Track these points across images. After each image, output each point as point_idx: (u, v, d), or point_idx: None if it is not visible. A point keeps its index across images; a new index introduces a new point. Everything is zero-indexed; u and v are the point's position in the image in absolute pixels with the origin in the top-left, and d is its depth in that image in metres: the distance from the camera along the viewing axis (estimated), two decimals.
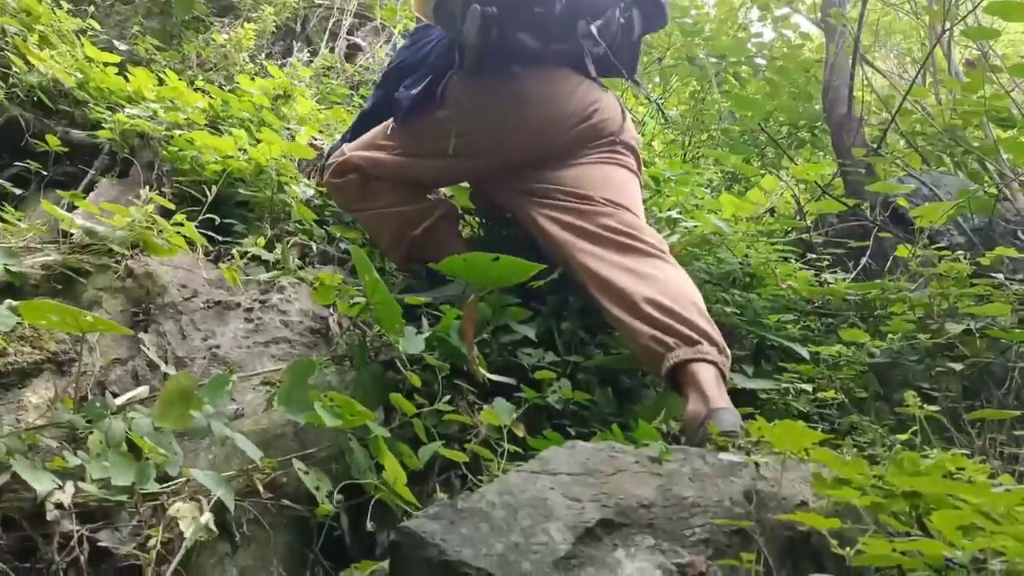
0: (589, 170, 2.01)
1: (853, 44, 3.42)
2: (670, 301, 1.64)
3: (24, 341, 1.45)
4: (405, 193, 2.16)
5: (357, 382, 1.55)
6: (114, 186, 2.32)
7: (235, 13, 4.28)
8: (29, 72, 2.60)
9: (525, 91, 2.02)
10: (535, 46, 1.99)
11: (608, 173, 2.02)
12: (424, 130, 2.07)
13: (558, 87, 2.05)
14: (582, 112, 2.04)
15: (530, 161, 2.04)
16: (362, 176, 2.15)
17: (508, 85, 2.01)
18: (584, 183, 1.96)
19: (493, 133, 2.05)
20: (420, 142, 2.09)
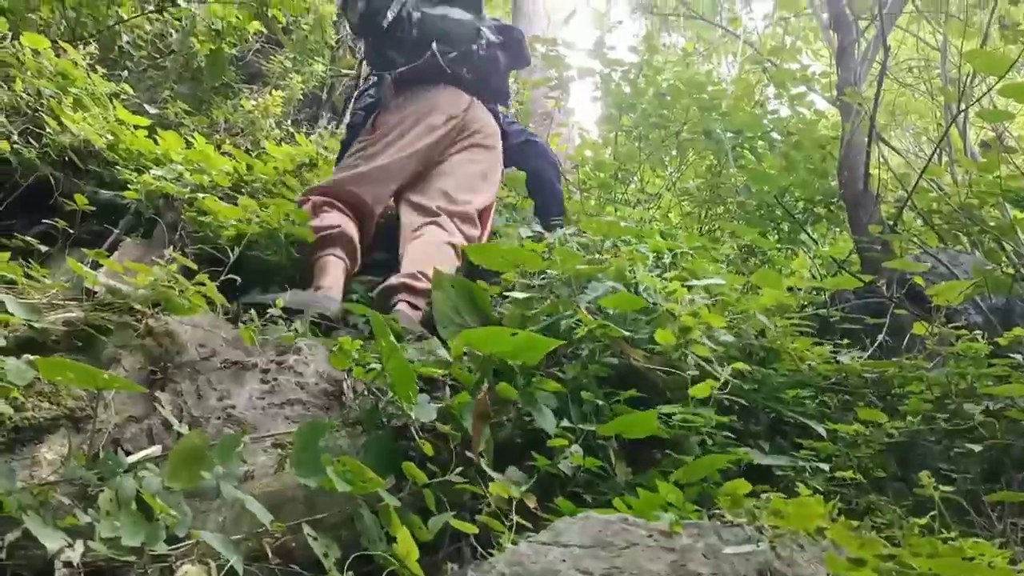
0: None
1: (869, 123, 3.47)
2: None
3: (42, 396, 1.46)
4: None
5: (368, 447, 1.54)
6: (138, 246, 2.37)
7: (263, 80, 4.42)
8: (62, 133, 2.67)
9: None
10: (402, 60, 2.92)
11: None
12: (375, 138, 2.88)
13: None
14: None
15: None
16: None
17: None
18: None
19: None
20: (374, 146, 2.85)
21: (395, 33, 2.90)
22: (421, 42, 2.90)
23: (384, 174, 2.81)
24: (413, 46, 2.90)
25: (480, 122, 3.05)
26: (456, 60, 2.94)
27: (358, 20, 2.95)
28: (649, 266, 2.37)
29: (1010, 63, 2.49)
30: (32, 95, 2.76)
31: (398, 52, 2.93)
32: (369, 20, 2.91)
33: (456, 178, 2.90)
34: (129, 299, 1.74)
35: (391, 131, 2.89)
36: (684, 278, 2.22)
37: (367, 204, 2.76)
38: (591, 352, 1.89)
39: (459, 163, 2.95)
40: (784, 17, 5.88)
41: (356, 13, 2.93)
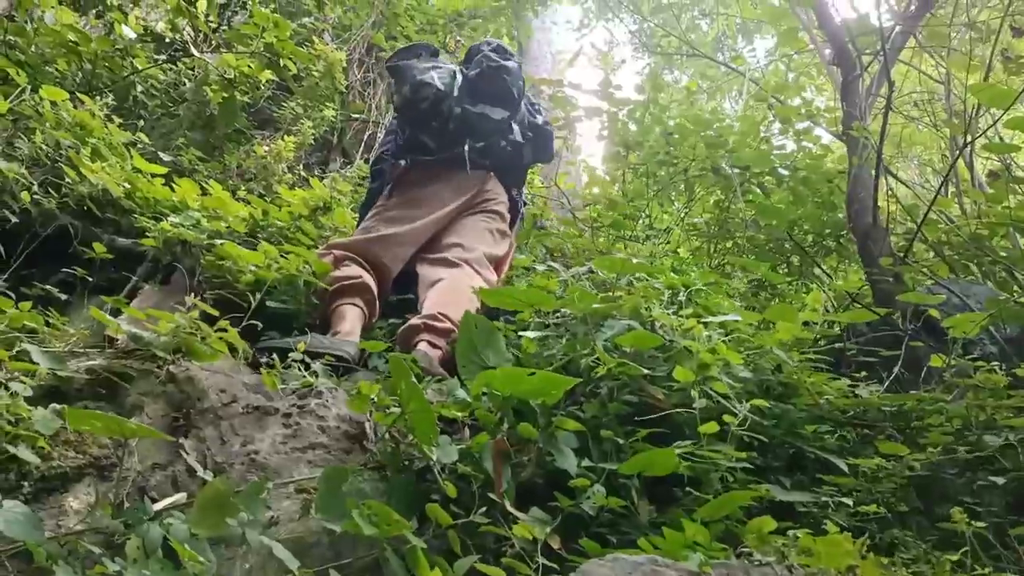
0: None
1: (876, 156, 3.49)
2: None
3: (68, 445, 1.47)
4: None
5: (392, 490, 1.54)
6: (157, 292, 2.39)
7: (275, 126, 4.48)
8: (81, 183, 2.71)
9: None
10: (433, 146, 3.05)
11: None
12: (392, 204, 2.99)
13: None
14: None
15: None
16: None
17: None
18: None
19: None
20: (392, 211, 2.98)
21: (433, 122, 3.03)
22: (456, 135, 3.04)
23: (402, 239, 2.91)
24: (448, 137, 3.04)
25: (493, 192, 3.18)
26: (482, 152, 3.08)
27: (402, 103, 3.07)
28: (663, 302, 2.38)
29: (1014, 96, 2.51)
30: (51, 146, 2.81)
31: (431, 139, 3.05)
32: (412, 106, 3.02)
33: (467, 233, 3.01)
34: (151, 346, 1.75)
35: (410, 200, 3.00)
36: (699, 314, 2.23)
37: (386, 265, 2.84)
38: (610, 390, 1.89)
39: (471, 222, 3.06)
40: (787, 54, 5.96)
41: (401, 96, 3.06)
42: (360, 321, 2.54)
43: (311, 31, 4.98)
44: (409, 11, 5.51)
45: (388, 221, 2.95)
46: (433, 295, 2.64)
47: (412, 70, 3.06)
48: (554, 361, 2.09)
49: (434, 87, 3.00)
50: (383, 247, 2.85)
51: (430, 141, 3.05)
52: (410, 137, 3.09)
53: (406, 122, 3.13)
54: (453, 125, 3.04)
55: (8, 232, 2.58)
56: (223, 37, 4.41)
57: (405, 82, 3.05)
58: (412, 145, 3.08)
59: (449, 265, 2.83)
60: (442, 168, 3.07)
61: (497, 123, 3.13)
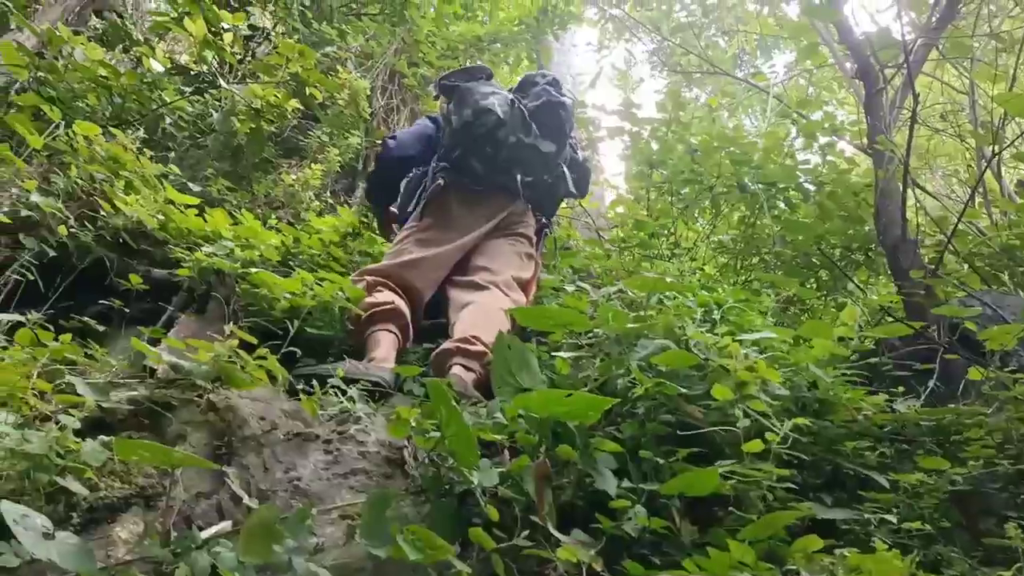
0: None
1: (902, 169, 3.48)
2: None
3: (114, 476, 1.49)
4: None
5: (434, 514, 1.55)
6: (193, 322, 2.42)
7: (301, 154, 4.53)
8: (115, 215, 2.76)
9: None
10: (481, 172, 3.09)
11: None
12: (422, 228, 3.03)
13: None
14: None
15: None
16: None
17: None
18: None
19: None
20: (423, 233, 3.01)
21: (487, 148, 3.07)
22: (506, 164, 3.10)
23: (434, 263, 2.95)
24: (498, 165, 3.10)
25: (521, 215, 3.24)
26: (528, 184, 3.17)
27: (461, 126, 3.08)
28: (696, 321, 2.37)
29: None
30: (86, 180, 2.86)
31: (481, 164, 3.10)
32: (470, 129, 3.05)
33: (495, 256, 3.05)
34: (192, 375, 1.77)
35: (442, 222, 3.04)
36: (733, 332, 2.22)
37: (417, 289, 2.87)
38: (647, 410, 1.89)
39: (498, 245, 3.11)
40: (808, 69, 5.95)
41: (461, 119, 3.07)
42: (394, 347, 2.56)
43: (334, 60, 5.05)
44: (430, 38, 5.57)
45: (420, 243, 2.98)
46: (464, 318, 2.66)
47: (474, 94, 3.09)
48: (589, 382, 2.09)
49: (495, 114, 3.03)
50: (415, 271, 2.88)
51: (479, 166, 3.09)
52: (460, 159, 3.12)
53: (459, 144, 3.13)
54: (505, 154, 3.08)
55: (46, 266, 2.62)
56: (249, 68, 4.49)
57: (467, 105, 3.07)
58: (461, 167, 3.12)
59: (478, 288, 2.86)
60: (481, 193, 3.13)
61: (546, 156, 3.18)
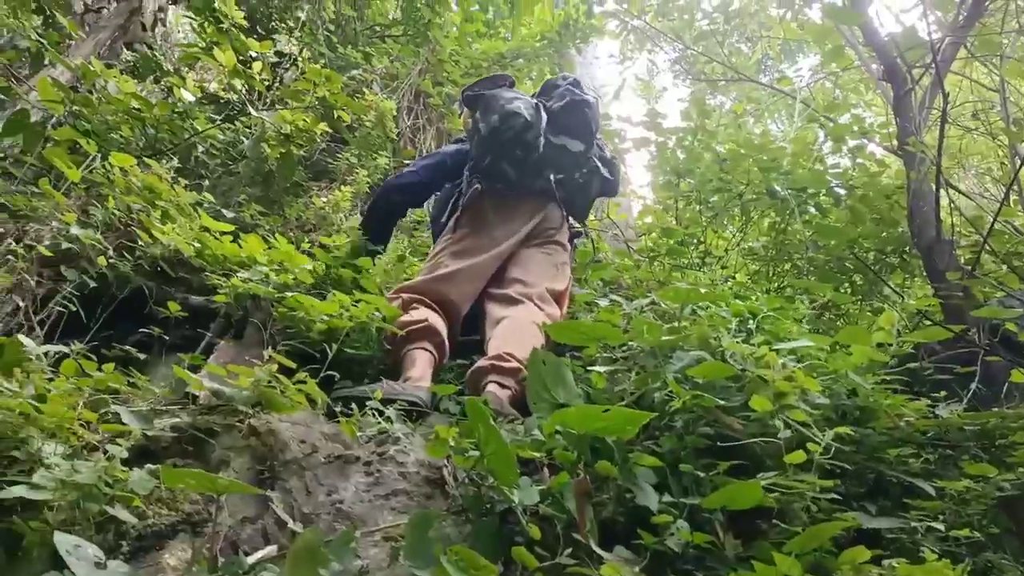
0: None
1: (934, 170, 3.43)
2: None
3: (161, 503, 1.52)
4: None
5: (476, 534, 1.55)
6: (231, 348, 2.45)
7: (330, 177, 4.59)
8: (153, 244, 2.81)
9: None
10: (514, 176, 3.12)
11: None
12: (455, 240, 3.05)
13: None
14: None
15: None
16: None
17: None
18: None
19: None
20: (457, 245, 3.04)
21: (517, 151, 3.09)
22: (537, 166, 3.13)
23: (470, 274, 2.96)
24: (529, 168, 3.12)
25: (555, 221, 3.25)
26: (560, 183, 3.20)
27: (489, 131, 3.08)
28: (732, 330, 2.36)
29: None
30: (123, 211, 2.92)
31: (513, 169, 3.12)
32: (499, 134, 3.06)
33: (530, 267, 3.05)
34: (233, 401, 1.80)
35: (477, 232, 3.07)
36: (769, 341, 2.20)
37: (454, 302, 2.87)
38: (685, 423, 1.88)
39: (533, 255, 3.10)
40: (833, 72, 5.91)
41: (488, 125, 3.08)
42: (430, 365, 2.57)
43: (360, 83, 5.11)
44: (454, 56, 5.62)
45: (455, 255, 3.00)
46: (498, 334, 2.66)
47: (499, 100, 3.11)
48: (625, 396, 2.08)
49: (523, 116, 3.04)
50: (450, 285, 2.89)
51: (511, 170, 3.12)
52: (491, 165, 3.13)
53: (488, 150, 3.14)
54: (535, 155, 3.10)
55: (87, 296, 2.68)
56: (277, 94, 4.55)
57: (493, 111, 3.09)
58: (492, 174, 3.14)
59: (512, 303, 2.86)
60: (513, 198, 3.16)
61: (575, 156, 3.19)
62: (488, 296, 2.96)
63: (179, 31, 7.17)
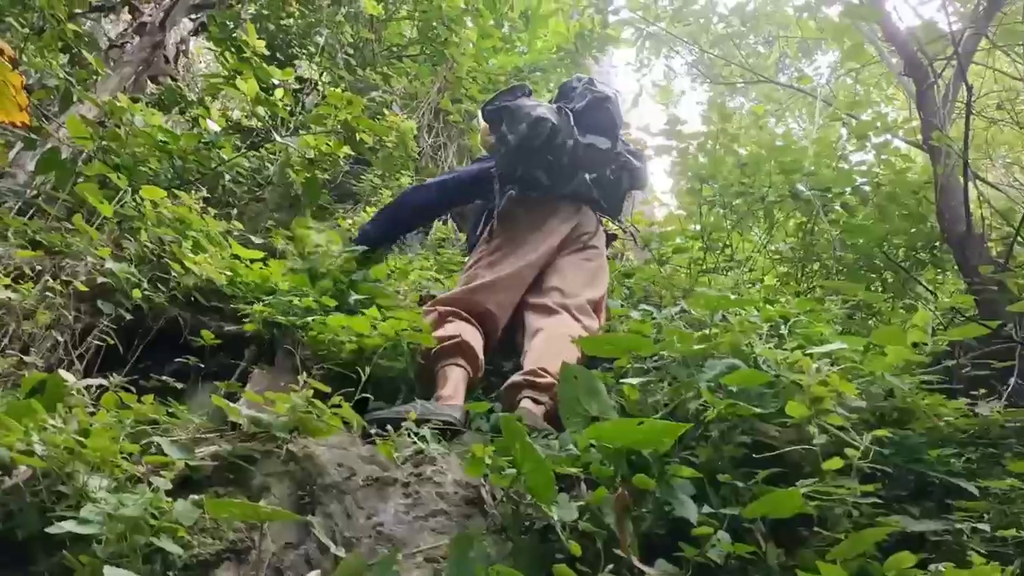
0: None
1: (961, 163, 3.40)
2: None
3: (205, 533, 1.54)
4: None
5: (516, 553, 1.56)
6: (266, 374, 2.48)
7: (355, 198, 4.63)
8: (185, 275, 2.86)
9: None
10: (548, 183, 3.14)
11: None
12: (488, 253, 3.06)
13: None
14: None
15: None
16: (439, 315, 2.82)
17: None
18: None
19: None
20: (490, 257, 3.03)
21: (548, 156, 3.10)
22: (569, 169, 3.14)
23: (507, 283, 2.95)
24: (562, 172, 3.14)
25: (589, 225, 3.24)
26: (593, 183, 3.21)
27: (519, 141, 3.07)
28: (763, 336, 2.35)
29: None
30: (155, 243, 2.97)
31: (546, 175, 3.13)
32: (529, 142, 3.06)
33: (568, 276, 3.03)
34: (271, 428, 1.82)
35: (512, 241, 3.06)
36: (802, 346, 2.19)
37: (492, 312, 2.87)
38: (721, 433, 1.87)
39: (571, 263, 3.09)
40: (853, 69, 5.87)
41: (517, 135, 3.07)
42: (464, 381, 2.57)
43: (380, 104, 5.17)
44: (471, 73, 5.66)
45: (491, 265, 3.00)
46: (534, 348, 2.66)
47: (523, 108, 3.11)
48: (658, 407, 2.08)
49: (550, 121, 3.05)
50: (487, 294, 2.89)
51: (544, 176, 3.13)
52: (524, 175, 3.14)
53: (519, 160, 3.14)
54: (567, 159, 3.11)
55: (123, 329, 2.73)
56: (300, 119, 4.61)
57: (519, 120, 3.08)
58: (525, 182, 3.15)
59: (549, 313, 2.85)
60: (547, 204, 3.16)
61: (604, 153, 3.20)
62: (527, 306, 2.95)
63: (201, 62, 7.29)
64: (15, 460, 1.58)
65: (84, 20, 5.19)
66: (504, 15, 6.28)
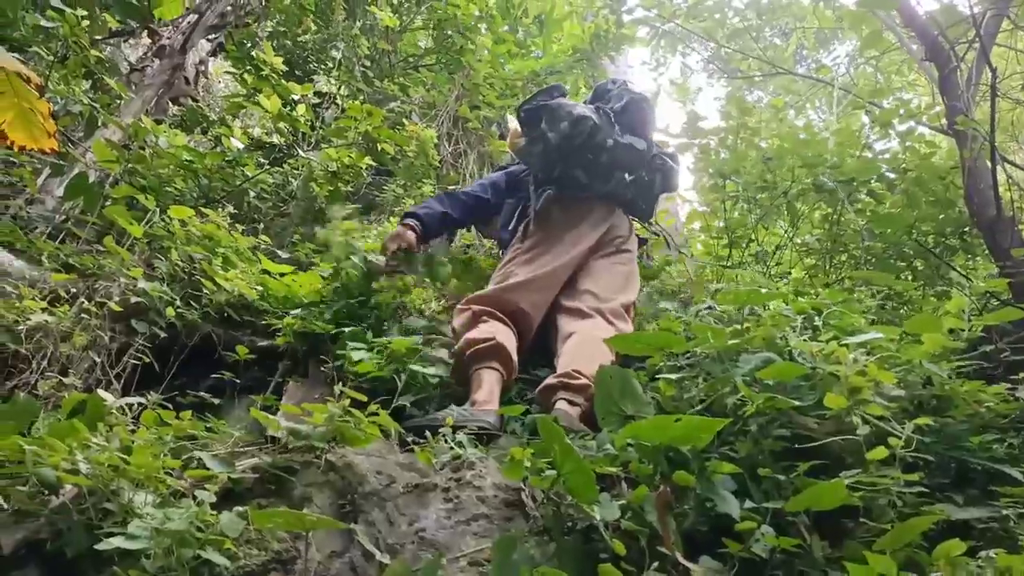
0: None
1: (988, 147, 3.36)
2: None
3: (250, 544, 1.55)
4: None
5: (560, 554, 1.56)
6: (299, 387, 2.50)
7: (379, 209, 4.66)
8: (217, 291, 2.89)
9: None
10: (587, 181, 3.13)
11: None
12: (522, 252, 3.04)
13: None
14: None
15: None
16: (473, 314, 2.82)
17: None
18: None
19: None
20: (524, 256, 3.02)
21: (588, 155, 3.10)
22: (608, 168, 3.14)
23: (543, 283, 2.94)
24: (601, 171, 3.14)
25: (622, 228, 3.24)
26: (631, 184, 3.22)
27: (560, 139, 3.06)
28: (797, 329, 2.33)
29: None
30: (186, 261, 3.00)
31: (585, 173, 3.13)
32: (570, 140, 3.06)
33: (602, 280, 3.02)
34: (310, 438, 1.83)
35: (547, 240, 3.06)
36: (837, 337, 2.17)
37: (526, 312, 2.86)
38: (760, 427, 1.86)
39: (604, 267, 3.08)
40: (873, 56, 5.82)
41: (559, 133, 3.06)
42: (498, 384, 2.57)
43: (399, 114, 5.19)
44: (488, 79, 5.67)
45: (526, 263, 3.00)
46: (567, 351, 2.65)
47: (564, 107, 3.10)
48: (694, 403, 2.07)
49: (592, 119, 3.05)
50: (521, 293, 2.88)
51: (582, 175, 3.13)
52: (562, 174, 3.14)
53: (559, 159, 3.13)
54: (606, 157, 3.11)
55: (158, 347, 2.76)
56: (321, 133, 4.65)
57: (561, 119, 3.07)
58: (564, 181, 3.14)
59: (582, 316, 2.84)
60: (583, 204, 3.16)
61: (641, 154, 3.20)
62: (559, 308, 2.94)
63: (220, 82, 7.37)
64: (61, 479, 1.60)
65: (104, 46, 5.26)
66: (518, 20, 6.29)
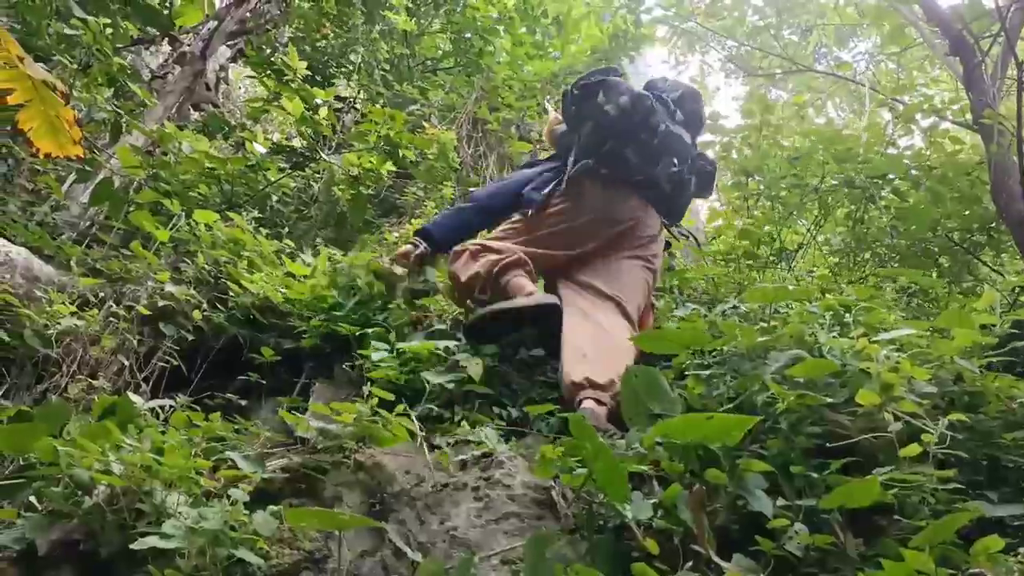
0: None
1: (1014, 140, 3.33)
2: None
3: (283, 543, 1.56)
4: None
5: (594, 552, 1.55)
6: (326, 388, 2.51)
7: (399, 212, 4.67)
8: (243, 294, 2.91)
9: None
10: (635, 162, 3.01)
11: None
12: (543, 219, 2.96)
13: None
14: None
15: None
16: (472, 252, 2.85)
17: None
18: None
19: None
20: (537, 228, 2.94)
21: (642, 135, 3.02)
22: (657, 152, 3.05)
23: (552, 241, 2.94)
24: (651, 154, 3.04)
25: (652, 227, 3.12)
26: (674, 175, 3.12)
27: (618, 113, 2.98)
28: (825, 326, 2.31)
29: None
30: (211, 264, 3.03)
31: (635, 154, 3.03)
32: (626, 117, 2.98)
33: (624, 279, 2.95)
34: (339, 438, 1.84)
35: (573, 205, 3.00)
36: (867, 333, 2.15)
37: (527, 263, 2.83)
38: (791, 424, 1.84)
39: (630, 268, 2.99)
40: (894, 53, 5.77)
41: (618, 107, 2.98)
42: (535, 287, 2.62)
43: (419, 117, 5.21)
44: (507, 81, 5.68)
45: (543, 222, 2.97)
46: (589, 345, 2.61)
47: (624, 84, 3.07)
48: (722, 401, 2.06)
49: (651, 98, 3.01)
50: (523, 246, 2.89)
51: (633, 155, 3.02)
52: (611, 150, 3.03)
53: (612, 134, 3.03)
54: (657, 141, 3.03)
55: (186, 349, 2.78)
56: (342, 137, 4.67)
57: (622, 93, 3.01)
58: (612, 159, 3.03)
59: (604, 298, 2.82)
60: (619, 188, 3.06)
61: (687, 146, 3.15)
62: (575, 283, 2.89)
63: (240, 87, 7.43)
64: (95, 479, 1.61)
65: (126, 54, 5.31)
66: (536, 21, 6.29)
